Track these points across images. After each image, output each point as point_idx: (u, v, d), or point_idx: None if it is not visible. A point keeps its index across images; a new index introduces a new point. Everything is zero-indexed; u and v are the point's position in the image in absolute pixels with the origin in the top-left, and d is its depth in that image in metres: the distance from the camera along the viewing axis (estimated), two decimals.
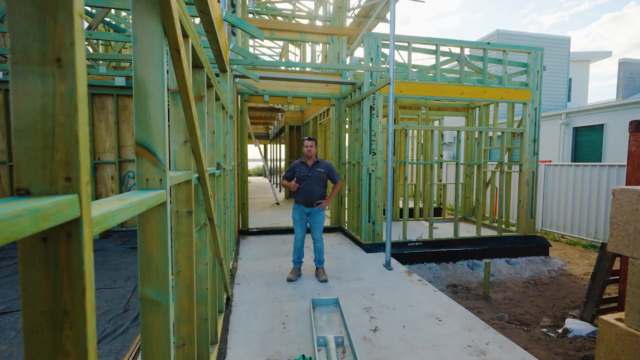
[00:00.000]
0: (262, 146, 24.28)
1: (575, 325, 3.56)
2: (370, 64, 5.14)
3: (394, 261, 4.72)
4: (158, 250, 1.01)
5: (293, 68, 10.64)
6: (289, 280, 3.90)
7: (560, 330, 3.66)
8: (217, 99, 2.75)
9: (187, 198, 1.44)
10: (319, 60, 9.46)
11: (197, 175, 1.62)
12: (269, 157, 23.48)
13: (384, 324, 2.92)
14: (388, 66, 4.41)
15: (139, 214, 1.00)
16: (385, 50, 5.43)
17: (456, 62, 6.22)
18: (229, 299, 3.32)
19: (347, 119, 6.34)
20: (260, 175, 27.81)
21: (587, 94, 15.90)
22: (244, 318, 2.98)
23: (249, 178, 23.70)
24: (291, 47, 12.10)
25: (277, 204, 10.06)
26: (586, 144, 10.13)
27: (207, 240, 1.92)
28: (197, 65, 1.79)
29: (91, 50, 6.62)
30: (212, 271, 2.39)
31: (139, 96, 0.97)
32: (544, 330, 3.68)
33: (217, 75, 4.35)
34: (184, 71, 1.11)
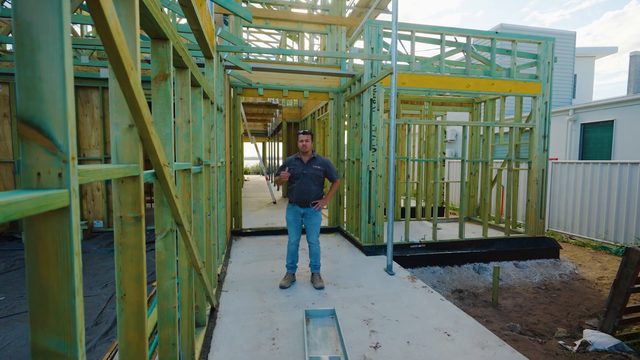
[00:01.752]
0: (260, 144, 23.95)
1: (596, 338, 3.24)
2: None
3: (395, 265, 4.40)
4: (58, 279, 0.68)
5: (290, 59, 10.29)
6: (282, 287, 3.57)
7: (577, 343, 3.34)
8: (198, 85, 2.42)
9: (135, 200, 1.11)
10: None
11: (152, 171, 1.29)
12: (267, 154, 23.16)
13: (386, 340, 2.60)
14: (390, 54, 4.07)
15: (27, 225, 0.67)
16: (387, 40, 5.09)
17: (461, 53, 5.88)
18: (213, 309, 3.00)
19: (347, 114, 6.01)
20: (259, 173, 27.48)
21: (592, 91, 15.56)
22: (229, 332, 2.66)
23: (248, 176, 23.34)
24: (289, 42, 11.75)
25: (274, 202, 9.73)
26: (594, 141, 9.78)
27: (174, 250, 1.59)
28: (158, 35, 1.46)
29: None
30: (187, 283, 2.07)
31: (22, 48, 0.64)
32: (560, 342, 3.36)
33: (201, 65, 4.03)
34: (106, 20, 0.78)
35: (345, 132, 6.27)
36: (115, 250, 1.11)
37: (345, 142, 6.16)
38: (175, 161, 2.34)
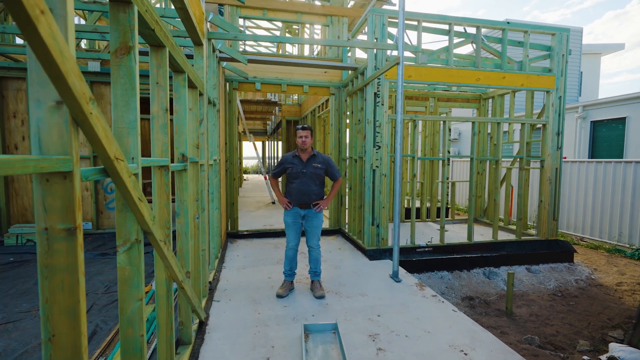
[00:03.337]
0: (259, 143, 23.64)
1: (625, 354, 2.93)
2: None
3: (402, 271, 4.10)
4: None
5: (289, 51, 9.98)
6: (279, 296, 3.27)
7: (603, 358, 3.04)
8: (182, 71, 2.11)
9: (66, 205, 0.81)
10: (318, 49, 8.80)
11: (101, 167, 0.99)
12: (267, 154, 22.85)
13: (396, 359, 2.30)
14: (397, 43, 3.77)
15: None
16: (392, 30, 4.79)
17: (470, 46, 5.57)
18: (202, 323, 2.70)
19: (348, 111, 5.70)
20: (257, 172, 27.18)
21: (598, 89, 15.23)
22: (218, 351, 2.36)
23: (247, 176, 23.04)
24: (289, 36, 11.44)
25: (273, 202, 9.43)
26: (605, 139, 9.46)
27: (141, 265, 1.29)
28: None
29: None
30: (166, 299, 1.77)
31: None
32: (584, 358, 3.06)
33: (190, 57, 3.73)
34: None
35: (347, 129, 5.97)
36: (39, 275, 0.80)
37: (347, 140, 5.85)
38: (151, 156, 2.03)
